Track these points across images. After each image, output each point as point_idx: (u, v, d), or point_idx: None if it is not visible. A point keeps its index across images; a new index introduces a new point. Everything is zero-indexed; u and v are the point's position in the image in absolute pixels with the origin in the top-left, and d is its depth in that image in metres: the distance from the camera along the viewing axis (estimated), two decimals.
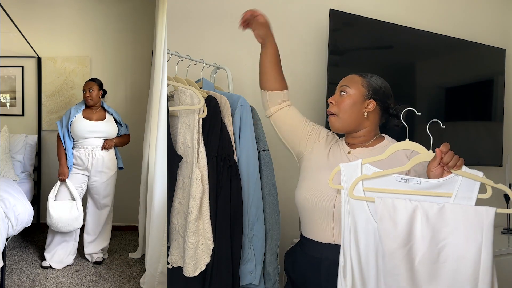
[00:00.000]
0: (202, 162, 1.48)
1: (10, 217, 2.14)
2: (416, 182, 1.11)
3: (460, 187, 1.08)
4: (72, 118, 2.62)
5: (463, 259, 1.03)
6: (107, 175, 2.68)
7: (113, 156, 2.73)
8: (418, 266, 1.04)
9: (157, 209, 1.98)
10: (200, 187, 1.45)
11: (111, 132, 2.69)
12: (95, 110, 2.70)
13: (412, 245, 1.05)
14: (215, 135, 1.51)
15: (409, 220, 1.06)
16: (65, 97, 3.38)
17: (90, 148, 2.62)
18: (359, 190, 1.17)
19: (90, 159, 2.61)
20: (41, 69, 3.35)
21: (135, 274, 2.55)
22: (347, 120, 1.37)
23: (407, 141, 1.17)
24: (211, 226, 1.47)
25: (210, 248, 1.46)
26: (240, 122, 1.55)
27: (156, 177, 1.97)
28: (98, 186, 2.67)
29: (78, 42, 3.38)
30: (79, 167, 2.63)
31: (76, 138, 2.62)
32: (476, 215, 1.03)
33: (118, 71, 3.41)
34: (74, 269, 2.61)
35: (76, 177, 2.62)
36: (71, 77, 3.37)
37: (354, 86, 1.38)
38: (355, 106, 1.36)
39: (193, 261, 1.46)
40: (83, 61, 3.38)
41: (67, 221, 2.50)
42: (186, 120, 1.55)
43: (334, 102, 1.39)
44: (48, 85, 3.37)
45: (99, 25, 3.39)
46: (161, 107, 1.91)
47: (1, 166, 2.81)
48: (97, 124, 2.64)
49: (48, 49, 3.35)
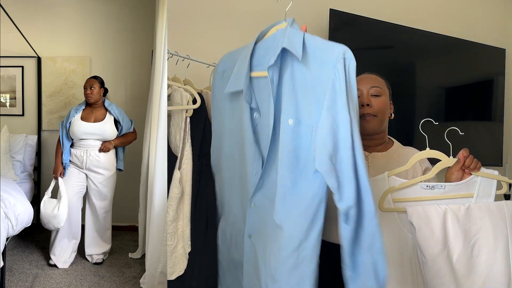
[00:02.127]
0: (186, 162, 1.45)
1: (10, 217, 2.14)
2: (441, 187, 1.19)
3: (480, 187, 1.19)
4: (71, 118, 2.63)
5: (494, 251, 1.12)
6: (103, 176, 2.66)
7: (112, 157, 2.71)
8: (456, 265, 1.12)
9: (157, 209, 1.98)
10: (177, 188, 1.42)
11: (108, 134, 2.66)
12: (95, 109, 2.69)
13: (449, 246, 1.13)
14: (198, 133, 1.47)
15: (442, 225, 1.14)
16: (65, 97, 3.38)
17: (85, 148, 2.62)
18: (388, 201, 1.21)
19: (84, 158, 2.61)
20: (41, 69, 3.35)
21: (135, 274, 2.55)
22: (384, 121, 1.38)
23: (428, 150, 1.24)
24: (190, 228, 1.42)
25: (187, 252, 1.42)
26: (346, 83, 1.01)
27: (156, 177, 1.97)
28: (94, 187, 2.67)
29: (78, 42, 3.38)
30: (76, 165, 2.65)
31: (74, 138, 2.63)
32: (499, 209, 1.15)
33: (118, 71, 3.41)
34: (74, 269, 2.61)
35: (73, 174, 2.63)
36: (71, 77, 3.37)
37: (383, 87, 1.39)
38: (387, 107, 1.39)
39: (170, 264, 1.42)
40: (83, 61, 3.38)
41: (48, 218, 2.50)
42: (177, 120, 1.53)
43: (370, 104, 1.36)
44: (48, 85, 3.37)
45: (99, 25, 3.39)
46: (161, 107, 1.91)
47: (1, 166, 2.81)
48: (93, 125, 2.63)
49: (48, 49, 3.35)
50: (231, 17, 2.24)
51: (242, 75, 1.15)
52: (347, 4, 2.41)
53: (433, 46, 2.68)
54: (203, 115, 1.49)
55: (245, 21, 2.27)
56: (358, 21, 2.38)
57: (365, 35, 2.43)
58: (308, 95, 1.04)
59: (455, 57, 2.79)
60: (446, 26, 2.81)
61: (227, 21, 2.22)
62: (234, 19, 2.26)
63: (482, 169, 1.20)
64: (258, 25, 2.34)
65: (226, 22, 2.22)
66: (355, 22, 2.37)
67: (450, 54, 2.76)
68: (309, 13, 2.40)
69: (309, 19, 2.43)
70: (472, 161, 1.18)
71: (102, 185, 2.66)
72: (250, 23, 2.28)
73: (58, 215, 2.48)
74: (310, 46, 1.07)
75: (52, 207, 2.51)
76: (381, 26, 2.46)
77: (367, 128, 1.35)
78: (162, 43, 2.09)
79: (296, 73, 1.07)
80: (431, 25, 2.71)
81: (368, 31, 2.43)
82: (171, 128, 1.56)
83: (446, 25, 2.83)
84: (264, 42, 1.18)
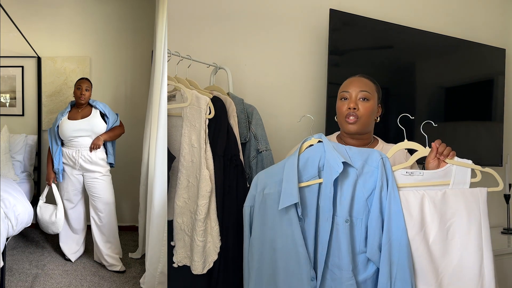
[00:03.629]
0: (209, 162, 1.50)
1: (10, 217, 2.15)
2: (419, 174, 1.28)
3: (455, 175, 1.28)
4: (58, 121, 2.64)
5: (468, 233, 1.22)
6: (98, 174, 2.66)
7: (103, 154, 2.70)
8: (432, 246, 1.22)
9: (157, 209, 1.98)
10: (209, 186, 1.48)
11: (98, 128, 2.66)
12: (80, 109, 2.70)
13: (425, 229, 1.23)
14: (222, 135, 1.54)
15: (420, 208, 1.23)
16: (65, 97, 3.38)
17: (77, 148, 2.62)
18: None
19: (77, 158, 2.62)
20: (41, 69, 3.35)
21: (135, 274, 2.55)
22: (365, 125, 1.47)
23: (406, 141, 1.35)
24: (218, 224, 1.49)
25: (217, 246, 1.49)
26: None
27: (156, 177, 1.97)
28: (91, 186, 2.66)
29: (78, 42, 3.38)
30: (69, 166, 2.64)
31: (64, 139, 2.64)
32: (473, 195, 1.25)
33: (118, 71, 3.41)
34: (74, 269, 2.61)
35: (68, 176, 2.64)
36: (71, 77, 3.37)
37: (372, 92, 1.48)
38: (373, 111, 1.49)
39: (202, 259, 1.49)
40: (83, 61, 3.38)
41: (46, 223, 2.56)
42: (192, 121, 1.55)
43: (357, 107, 1.46)
44: (48, 85, 3.37)
45: (99, 25, 3.39)
46: (161, 107, 1.91)
47: (1, 166, 2.81)
48: (81, 122, 2.63)
49: (48, 49, 3.35)
50: (231, 17, 2.24)
51: (294, 188, 1.24)
52: (347, 4, 2.41)
53: (433, 46, 2.68)
54: (225, 117, 1.56)
55: (245, 21, 2.27)
56: (358, 21, 2.37)
57: (365, 35, 2.43)
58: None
59: (455, 57, 2.79)
60: (446, 26, 2.81)
61: (227, 21, 2.22)
62: (235, 19, 2.26)
63: (457, 159, 1.29)
64: (258, 25, 2.35)
65: (226, 22, 2.22)
66: (355, 22, 2.37)
67: (450, 54, 2.76)
68: (309, 13, 2.40)
69: (309, 19, 2.43)
70: (444, 148, 1.27)
71: (98, 183, 2.65)
72: (250, 23, 2.28)
73: (56, 221, 2.55)
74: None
75: (49, 213, 2.56)
76: (381, 26, 2.46)
77: (350, 128, 1.47)
78: (162, 43, 2.09)
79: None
80: (431, 25, 2.71)
81: (368, 31, 2.43)
82: (184, 129, 1.59)
83: (446, 25, 2.83)
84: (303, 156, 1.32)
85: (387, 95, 2.60)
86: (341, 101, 1.50)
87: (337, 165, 1.20)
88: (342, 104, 1.49)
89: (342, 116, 1.48)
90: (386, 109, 1.86)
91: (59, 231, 2.58)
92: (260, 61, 2.28)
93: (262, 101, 2.14)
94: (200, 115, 1.53)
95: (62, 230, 2.71)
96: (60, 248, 2.74)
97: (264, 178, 1.35)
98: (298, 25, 2.37)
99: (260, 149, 1.69)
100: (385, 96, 2.66)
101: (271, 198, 1.29)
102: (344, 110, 1.47)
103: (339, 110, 1.51)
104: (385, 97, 2.66)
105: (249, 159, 1.70)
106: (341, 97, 1.50)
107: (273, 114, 2.22)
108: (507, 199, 2.84)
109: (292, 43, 2.35)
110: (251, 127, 1.71)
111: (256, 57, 2.29)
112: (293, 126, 2.32)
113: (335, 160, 1.22)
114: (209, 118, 1.54)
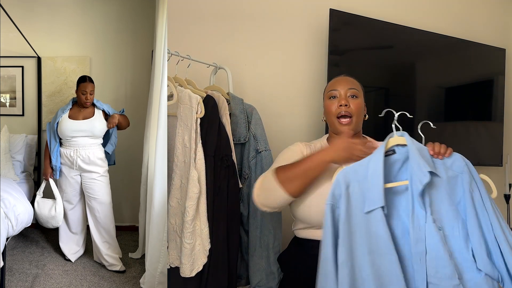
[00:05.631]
0: (199, 162, 1.47)
1: (10, 217, 2.15)
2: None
3: None
4: (58, 118, 2.63)
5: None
6: (96, 174, 2.65)
7: (102, 154, 2.70)
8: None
9: (157, 209, 1.98)
10: (197, 187, 1.44)
11: (97, 130, 2.66)
12: (83, 108, 2.69)
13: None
14: (212, 134, 1.50)
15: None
16: (65, 97, 3.38)
17: (75, 147, 2.62)
18: None
19: (75, 158, 2.61)
20: (41, 69, 3.35)
21: (135, 274, 2.55)
22: (358, 124, 1.46)
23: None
24: (208, 226, 1.46)
25: (207, 249, 1.46)
26: None
27: (156, 177, 1.97)
28: (88, 186, 2.66)
29: (78, 42, 3.38)
30: (67, 165, 2.64)
31: (63, 138, 2.64)
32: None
33: (118, 71, 3.41)
34: (74, 269, 2.61)
35: (66, 175, 2.64)
36: (71, 77, 3.37)
37: (359, 90, 1.48)
38: (363, 109, 1.48)
39: (190, 261, 1.45)
40: (83, 61, 3.38)
41: (46, 218, 2.55)
42: (185, 120, 1.54)
43: (348, 104, 1.43)
44: (48, 85, 3.37)
45: (99, 25, 3.39)
46: (161, 107, 1.91)
47: (1, 166, 2.81)
48: (82, 123, 2.63)
49: (48, 49, 3.35)
50: (231, 17, 2.24)
51: (379, 191, 1.18)
52: (347, 4, 2.41)
53: (433, 46, 2.68)
54: (216, 116, 1.52)
55: (245, 21, 2.27)
56: (358, 21, 2.37)
57: (365, 35, 2.43)
58: None
59: (455, 57, 2.79)
60: (446, 26, 2.81)
61: (227, 21, 2.22)
62: (235, 19, 2.26)
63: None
64: (258, 25, 2.35)
65: (227, 22, 2.22)
66: (355, 22, 2.37)
67: (450, 54, 2.76)
68: (309, 13, 2.40)
69: (309, 19, 2.44)
70: (440, 147, 1.24)
71: (96, 182, 2.65)
72: (250, 23, 2.28)
73: (56, 215, 2.54)
74: None
75: (48, 208, 2.55)
76: (381, 26, 2.46)
77: (344, 131, 1.43)
78: (162, 43, 2.09)
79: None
80: (431, 25, 2.71)
81: (368, 31, 2.43)
82: (178, 129, 1.56)
83: (446, 25, 2.83)
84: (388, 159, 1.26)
85: (387, 95, 2.60)
86: (330, 100, 1.47)
87: (423, 175, 1.16)
88: (331, 102, 1.46)
89: (333, 116, 1.45)
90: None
91: (59, 225, 2.58)
92: (260, 61, 2.28)
93: (262, 101, 2.14)
94: (192, 114, 1.50)
95: (62, 231, 2.72)
96: (60, 248, 2.74)
97: (349, 175, 1.25)
98: (298, 25, 2.37)
99: (259, 149, 1.69)
100: (385, 96, 2.67)
101: (355, 198, 1.21)
102: (335, 109, 1.44)
103: (328, 109, 1.47)
104: (385, 97, 2.67)
105: (249, 159, 1.69)
106: (330, 96, 1.47)
107: (273, 114, 2.22)
108: (507, 199, 2.84)
109: (292, 43, 2.35)
110: (251, 127, 1.71)
111: (256, 57, 2.29)
112: (293, 126, 2.32)
113: (420, 168, 1.17)
114: (202, 118, 1.50)
